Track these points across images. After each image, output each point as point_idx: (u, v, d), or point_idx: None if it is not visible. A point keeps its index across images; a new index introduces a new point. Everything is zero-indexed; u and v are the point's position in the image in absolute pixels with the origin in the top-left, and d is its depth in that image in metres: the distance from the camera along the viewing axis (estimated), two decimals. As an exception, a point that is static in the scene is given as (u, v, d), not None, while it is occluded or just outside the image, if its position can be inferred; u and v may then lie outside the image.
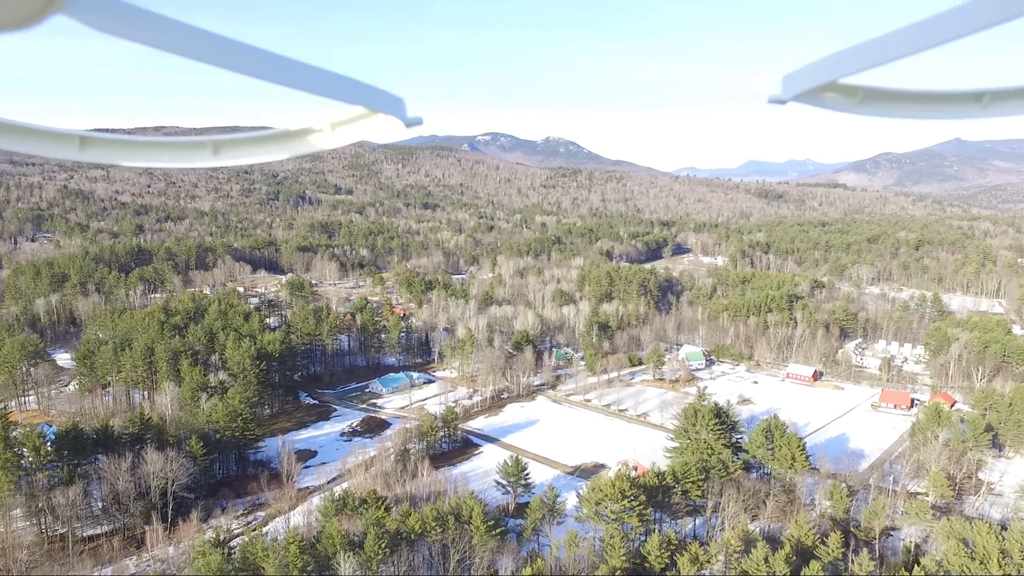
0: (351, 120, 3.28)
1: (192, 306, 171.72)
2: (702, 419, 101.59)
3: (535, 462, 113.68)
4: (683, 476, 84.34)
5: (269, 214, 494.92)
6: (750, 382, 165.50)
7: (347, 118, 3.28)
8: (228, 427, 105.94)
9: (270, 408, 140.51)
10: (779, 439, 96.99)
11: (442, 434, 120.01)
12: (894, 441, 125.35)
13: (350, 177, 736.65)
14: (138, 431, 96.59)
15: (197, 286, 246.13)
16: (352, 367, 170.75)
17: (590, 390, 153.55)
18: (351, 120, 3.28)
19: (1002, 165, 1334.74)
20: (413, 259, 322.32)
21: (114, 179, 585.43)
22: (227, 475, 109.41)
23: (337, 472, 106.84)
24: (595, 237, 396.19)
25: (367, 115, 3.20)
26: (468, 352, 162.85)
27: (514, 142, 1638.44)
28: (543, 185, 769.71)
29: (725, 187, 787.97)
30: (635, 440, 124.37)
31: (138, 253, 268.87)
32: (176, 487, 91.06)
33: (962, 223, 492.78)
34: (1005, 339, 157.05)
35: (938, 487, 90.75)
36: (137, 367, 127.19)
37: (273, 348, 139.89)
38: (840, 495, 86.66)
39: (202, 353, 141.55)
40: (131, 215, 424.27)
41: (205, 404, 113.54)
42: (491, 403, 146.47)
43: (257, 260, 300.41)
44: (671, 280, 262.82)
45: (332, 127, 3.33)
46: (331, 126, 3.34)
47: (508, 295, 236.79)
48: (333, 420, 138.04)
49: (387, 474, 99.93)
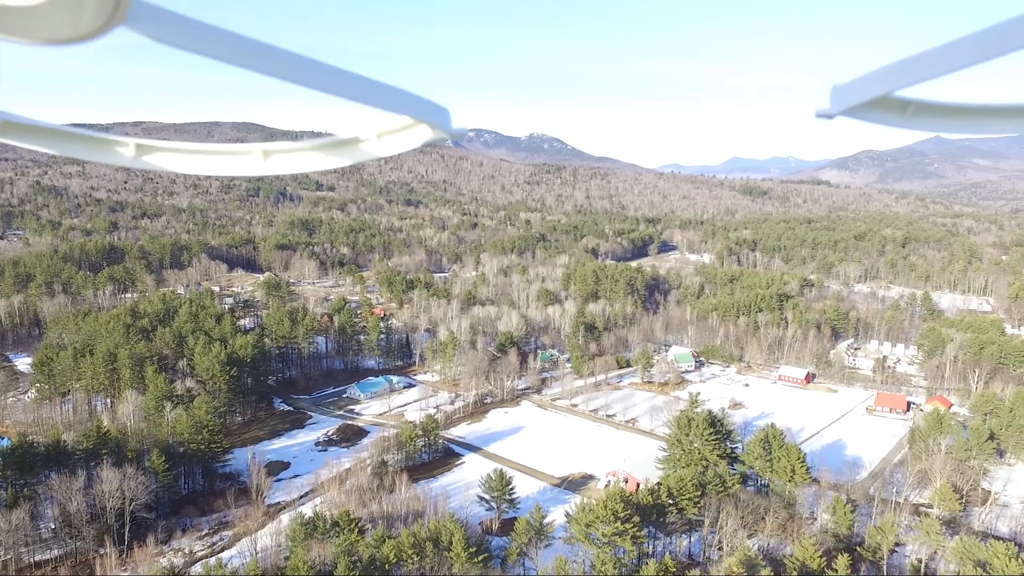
0: (397, 129, 3.25)
1: (162, 308, 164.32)
2: (695, 428, 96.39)
3: (520, 473, 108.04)
4: (678, 493, 79.01)
5: (249, 211, 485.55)
6: (741, 384, 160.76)
7: (393, 128, 3.25)
8: (193, 440, 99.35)
9: (242, 416, 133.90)
10: (777, 450, 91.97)
11: (422, 443, 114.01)
12: (892, 447, 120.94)
13: (332, 173, 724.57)
14: (93, 445, 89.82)
15: (171, 286, 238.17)
16: (330, 370, 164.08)
17: (577, 394, 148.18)
18: (397, 129, 3.25)
19: (981, 163, 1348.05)
20: (395, 257, 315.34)
21: (89, 175, 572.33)
22: (193, 490, 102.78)
23: (309, 487, 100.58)
24: (580, 234, 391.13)
25: (412, 125, 3.17)
26: (450, 355, 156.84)
27: (498, 138, 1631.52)
28: (527, 182, 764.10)
29: (710, 184, 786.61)
30: (624, 448, 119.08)
31: (110, 251, 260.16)
32: (134, 507, 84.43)
33: (946, 220, 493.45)
34: (1001, 340, 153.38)
35: (945, 500, 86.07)
36: (98, 374, 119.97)
37: (245, 353, 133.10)
38: (843, 511, 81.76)
39: (170, 358, 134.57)
40: (106, 212, 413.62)
41: (170, 414, 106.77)
42: (474, 408, 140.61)
43: (234, 259, 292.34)
44: (658, 278, 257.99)
45: (378, 136, 3.32)
46: (377, 135, 3.32)
47: (492, 294, 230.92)
48: (308, 428, 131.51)
49: (362, 490, 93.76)
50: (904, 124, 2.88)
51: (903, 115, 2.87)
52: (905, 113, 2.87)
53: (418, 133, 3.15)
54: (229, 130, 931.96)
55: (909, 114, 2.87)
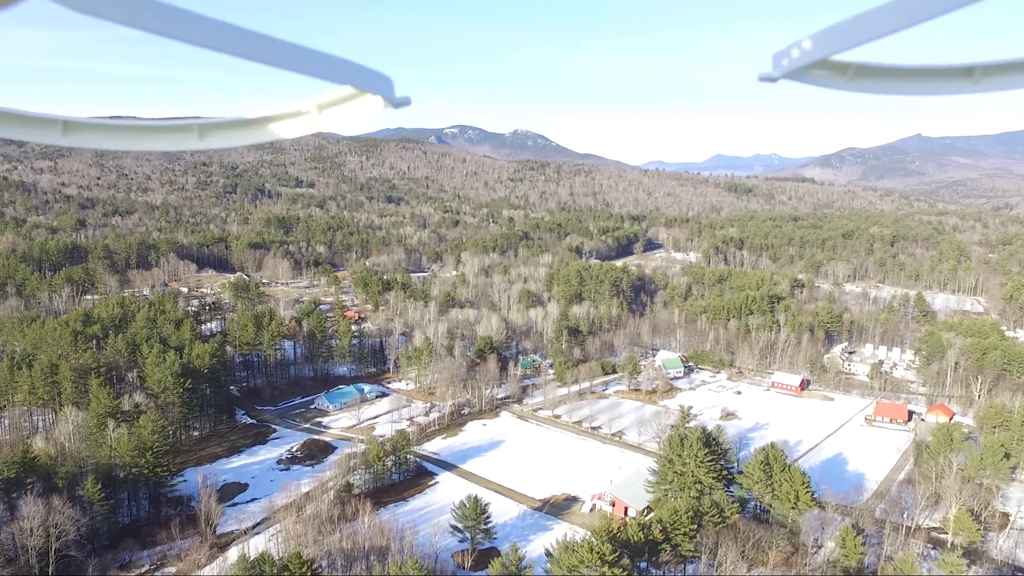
0: (339, 101, 3.20)
1: (119, 312, 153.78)
2: (689, 448, 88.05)
3: (498, 495, 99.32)
4: (672, 527, 70.58)
5: (225, 208, 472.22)
6: (733, 392, 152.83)
7: (334, 99, 3.20)
8: (135, 463, 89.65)
9: (200, 431, 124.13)
10: (779, 473, 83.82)
11: (391, 463, 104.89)
12: (895, 462, 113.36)
13: (312, 170, 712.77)
14: (17, 474, 79.92)
15: (136, 287, 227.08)
16: (298, 379, 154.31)
17: (560, 403, 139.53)
18: (339, 101, 3.20)
19: (961, 161, 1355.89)
20: (373, 256, 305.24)
21: (61, 171, 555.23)
22: (137, 519, 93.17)
23: (265, 513, 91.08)
24: (564, 232, 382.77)
25: (355, 95, 3.13)
26: (425, 362, 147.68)
27: (482, 135, 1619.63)
28: (511, 178, 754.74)
29: (694, 181, 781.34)
30: (610, 464, 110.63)
31: (72, 251, 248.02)
32: (61, 543, 74.79)
33: (931, 218, 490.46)
34: (1003, 345, 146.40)
35: (964, 529, 78.31)
36: (37, 388, 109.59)
37: (202, 363, 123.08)
38: (853, 542, 73.73)
39: (121, 369, 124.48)
40: (75, 209, 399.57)
41: (113, 433, 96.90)
42: (450, 420, 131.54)
43: (205, 258, 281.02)
44: (644, 278, 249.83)
45: (319, 109, 3.26)
46: (318, 108, 3.26)
47: (472, 295, 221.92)
48: (271, 444, 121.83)
49: (322, 520, 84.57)
50: (846, 86, 2.96)
51: (844, 77, 2.95)
52: (846, 75, 2.95)
53: (360, 104, 3.10)
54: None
55: (850, 76, 2.95)
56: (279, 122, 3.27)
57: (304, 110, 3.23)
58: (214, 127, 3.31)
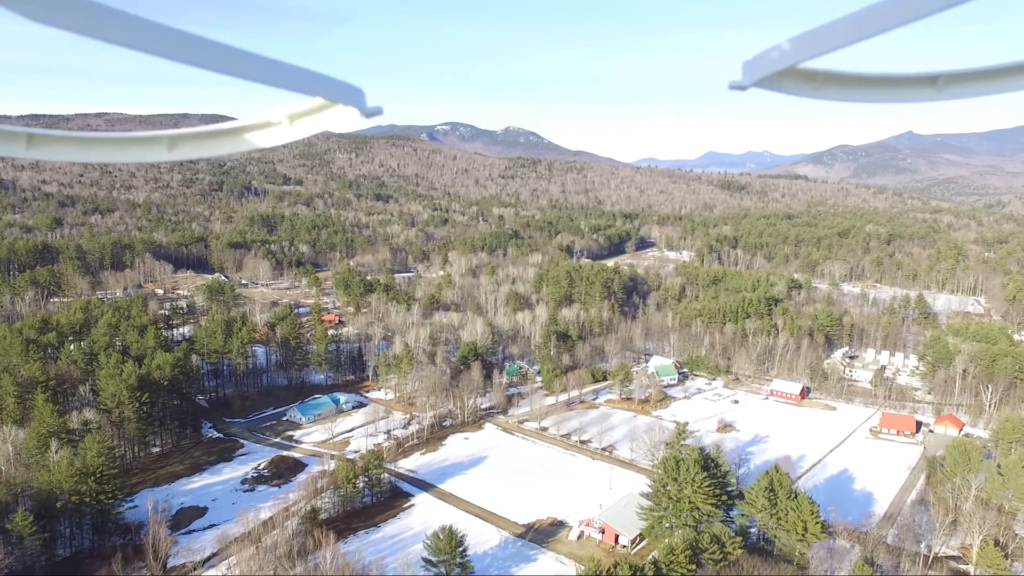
0: (310, 112, 3.21)
1: (80, 318, 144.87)
2: (686, 472, 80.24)
3: (478, 520, 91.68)
4: (668, 567, 62.75)
5: (209, 206, 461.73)
6: (730, 401, 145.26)
7: (305, 110, 3.21)
8: (76, 489, 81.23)
9: (160, 446, 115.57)
10: (785, 501, 76.09)
11: (363, 483, 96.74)
12: (905, 480, 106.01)
13: (301, 167, 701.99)
14: (-65, 507, 71.45)
15: (109, 289, 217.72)
16: (271, 387, 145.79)
17: (547, 414, 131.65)
18: (310, 112, 3.21)
19: (952, 159, 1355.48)
20: (358, 256, 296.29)
21: (42, 168, 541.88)
22: (79, 550, 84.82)
23: (219, 546, 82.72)
24: (555, 231, 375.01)
25: (326, 106, 3.14)
26: (405, 371, 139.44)
27: (474, 132, 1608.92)
28: (502, 176, 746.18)
29: (687, 178, 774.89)
30: (600, 482, 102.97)
31: (43, 251, 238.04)
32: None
33: (926, 216, 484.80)
34: (1014, 352, 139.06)
35: (991, 564, 70.82)
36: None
37: (162, 374, 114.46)
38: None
39: (74, 381, 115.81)
40: (54, 207, 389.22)
41: (56, 455, 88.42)
42: (430, 434, 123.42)
43: (183, 258, 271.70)
44: (636, 279, 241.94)
45: (290, 119, 3.26)
46: (289, 118, 3.26)
47: (457, 297, 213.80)
48: (237, 460, 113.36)
49: (281, 554, 76.42)
50: (815, 94, 2.99)
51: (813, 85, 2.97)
52: (814, 83, 2.97)
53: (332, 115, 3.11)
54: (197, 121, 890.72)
55: (818, 84, 2.97)
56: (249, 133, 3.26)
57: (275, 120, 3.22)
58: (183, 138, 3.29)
